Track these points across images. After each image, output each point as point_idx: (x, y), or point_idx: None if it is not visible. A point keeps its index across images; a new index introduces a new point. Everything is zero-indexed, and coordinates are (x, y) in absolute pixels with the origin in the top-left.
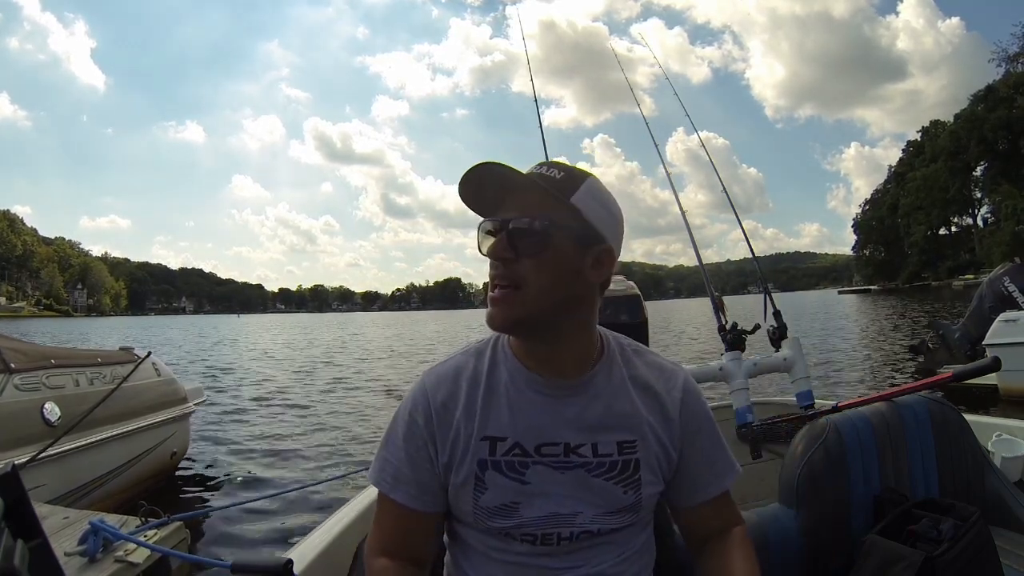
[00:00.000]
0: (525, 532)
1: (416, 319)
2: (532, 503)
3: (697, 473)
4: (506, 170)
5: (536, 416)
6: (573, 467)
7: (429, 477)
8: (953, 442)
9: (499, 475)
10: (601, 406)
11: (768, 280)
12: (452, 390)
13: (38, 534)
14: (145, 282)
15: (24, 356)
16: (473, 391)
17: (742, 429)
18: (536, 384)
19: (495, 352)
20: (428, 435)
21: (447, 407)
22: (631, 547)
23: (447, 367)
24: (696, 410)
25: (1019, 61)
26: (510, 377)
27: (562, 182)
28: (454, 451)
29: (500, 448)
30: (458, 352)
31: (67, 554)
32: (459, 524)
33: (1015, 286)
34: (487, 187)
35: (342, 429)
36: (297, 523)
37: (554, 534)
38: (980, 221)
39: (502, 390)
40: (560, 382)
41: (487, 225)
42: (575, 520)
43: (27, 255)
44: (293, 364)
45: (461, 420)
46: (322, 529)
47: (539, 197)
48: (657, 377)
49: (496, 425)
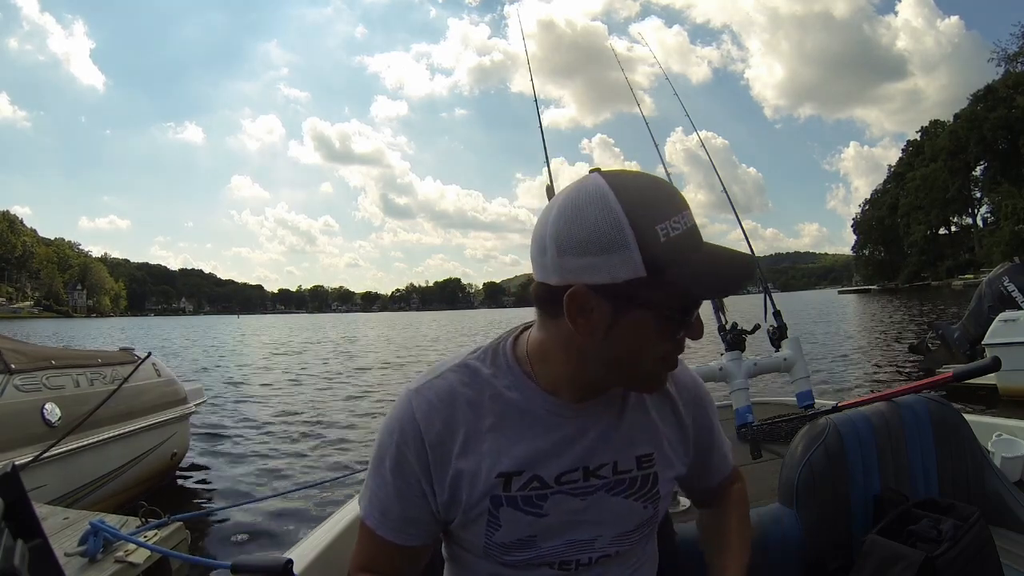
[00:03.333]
0: (543, 562)
1: (418, 320)
2: (550, 534)
3: (708, 460)
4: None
5: (555, 444)
6: (593, 491)
7: (422, 513)
8: (953, 442)
9: (515, 511)
10: (620, 422)
11: (768, 280)
12: (447, 420)
13: (38, 534)
14: (145, 283)
15: (24, 357)
16: (476, 421)
17: (742, 429)
18: (554, 407)
19: (498, 369)
20: (422, 472)
21: (443, 442)
22: (643, 557)
23: (439, 389)
24: (703, 401)
25: (1018, 61)
26: (525, 400)
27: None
28: (456, 491)
29: (516, 483)
30: (448, 366)
31: (67, 554)
32: (464, 552)
33: (1014, 286)
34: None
35: (342, 430)
36: (297, 523)
37: (573, 561)
38: (980, 221)
39: (514, 417)
40: (575, 404)
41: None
42: (594, 544)
43: (27, 256)
44: (293, 365)
45: (462, 457)
46: (322, 529)
47: None
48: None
49: (510, 459)
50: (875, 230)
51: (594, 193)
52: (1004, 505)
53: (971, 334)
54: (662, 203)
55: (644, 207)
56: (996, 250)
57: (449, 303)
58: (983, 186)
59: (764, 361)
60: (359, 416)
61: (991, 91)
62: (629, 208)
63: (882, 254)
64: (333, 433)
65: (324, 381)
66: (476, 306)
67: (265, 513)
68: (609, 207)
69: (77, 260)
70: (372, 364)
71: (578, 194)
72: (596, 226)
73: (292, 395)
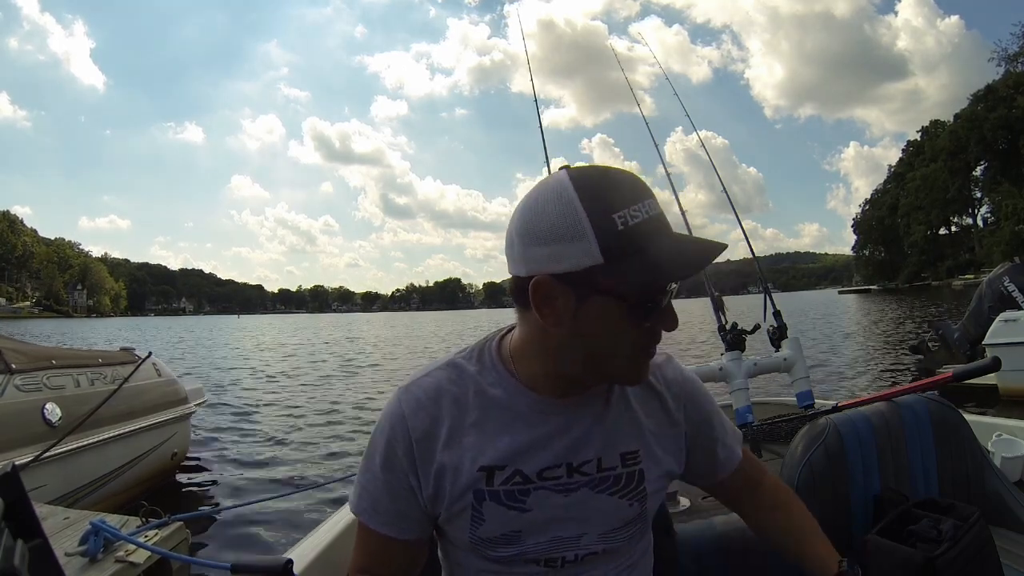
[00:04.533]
0: (528, 558)
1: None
2: (534, 530)
3: (712, 454)
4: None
5: (537, 439)
6: (577, 487)
7: (411, 507)
8: (953, 442)
9: (498, 505)
10: (604, 419)
11: (768, 280)
12: (434, 416)
13: (38, 534)
14: (145, 283)
15: (25, 357)
16: (459, 416)
17: (742, 429)
18: (537, 404)
19: (483, 367)
20: (409, 466)
21: (429, 437)
22: (633, 555)
23: (426, 387)
24: (695, 396)
25: (1019, 61)
26: (507, 397)
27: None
28: (440, 484)
29: (498, 478)
30: (436, 365)
31: (68, 554)
32: (453, 547)
33: (1015, 286)
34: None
35: (342, 430)
36: (297, 523)
37: (559, 558)
38: (980, 221)
39: (497, 413)
40: (558, 400)
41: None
42: (580, 542)
43: (27, 256)
44: (294, 366)
45: (446, 451)
46: (322, 529)
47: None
48: (655, 372)
49: (493, 453)
50: (875, 230)
51: (555, 186)
52: (1004, 505)
53: (971, 334)
54: (621, 192)
55: (600, 197)
56: (996, 250)
57: (449, 303)
58: (983, 186)
59: (764, 361)
60: (360, 416)
61: (991, 91)
62: (584, 198)
63: (882, 254)
64: (334, 433)
65: (325, 381)
66: (476, 306)
67: (265, 513)
68: (566, 198)
69: (77, 260)
70: (372, 365)
71: (540, 189)
72: (554, 217)
73: (293, 395)
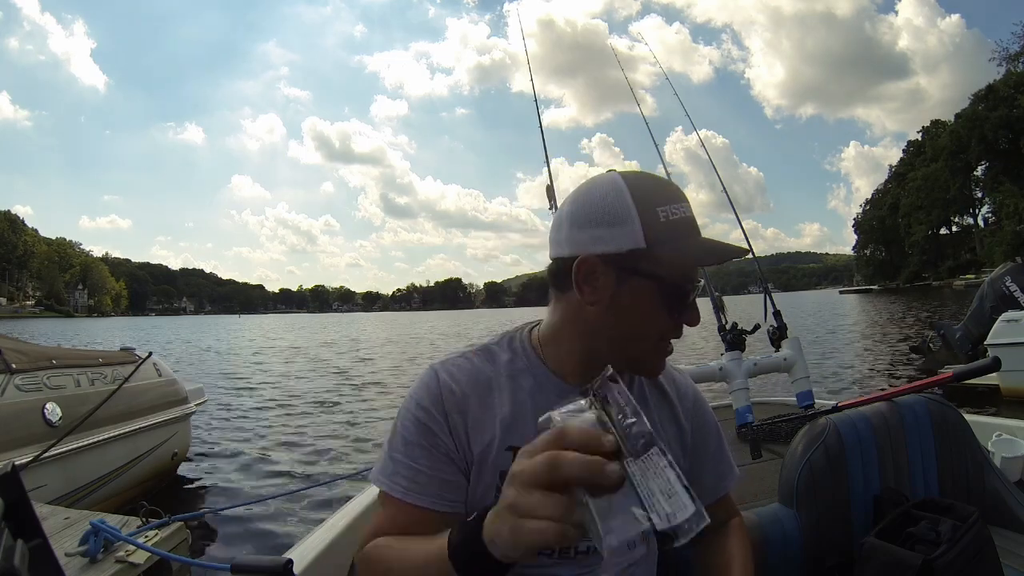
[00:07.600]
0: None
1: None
2: None
3: (703, 477)
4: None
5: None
6: None
7: (454, 473)
8: (953, 442)
9: None
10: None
11: (768, 280)
12: (465, 392)
13: (38, 534)
14: (146, 282)
15: (25, 356)
16: (490, 397)
17: (742, 429)
18: (564, 391)
19: (514, 353)
20: (443, 435)
21: (460, 411)
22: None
23: (460, 365)
24: (706, 420)
25: (1020, 60)
26: (536, 383)
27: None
28: (469, 460)
29: None
30: (471, 349)
31: (68, 554)
32: None
33: (1016, 286)
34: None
35: (342, 430)
36: (297, 523)
37: (571, 547)
38: (981, 221)
39: (526, 396)
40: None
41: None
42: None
43: (28, 255)
44: (294, 366)
45: (476, 430)
46: (322, 529)
47: None
48: (670, 384)
49: (520, 435)
50: (876, 230)
51: (608, 179)
52: (1004, 505)
53: (973, 334)
54: (665, 191)
55: (647, 191)
56: (998, 250)
57: (450, 303)
58: (984, 186)
59: (764, 361)
60: (360, 416)
61: (992, 91)
62: (635, 190)
63: (883, 254)
64: (334, 433)
65: (325, 381)
66: (477, 306)
67: (265, 513)
68: (618, 188)
69: (78, 260)
70: (373, 363)
71: (593, 181)
72: (604, 202)
73: (293, 395)
